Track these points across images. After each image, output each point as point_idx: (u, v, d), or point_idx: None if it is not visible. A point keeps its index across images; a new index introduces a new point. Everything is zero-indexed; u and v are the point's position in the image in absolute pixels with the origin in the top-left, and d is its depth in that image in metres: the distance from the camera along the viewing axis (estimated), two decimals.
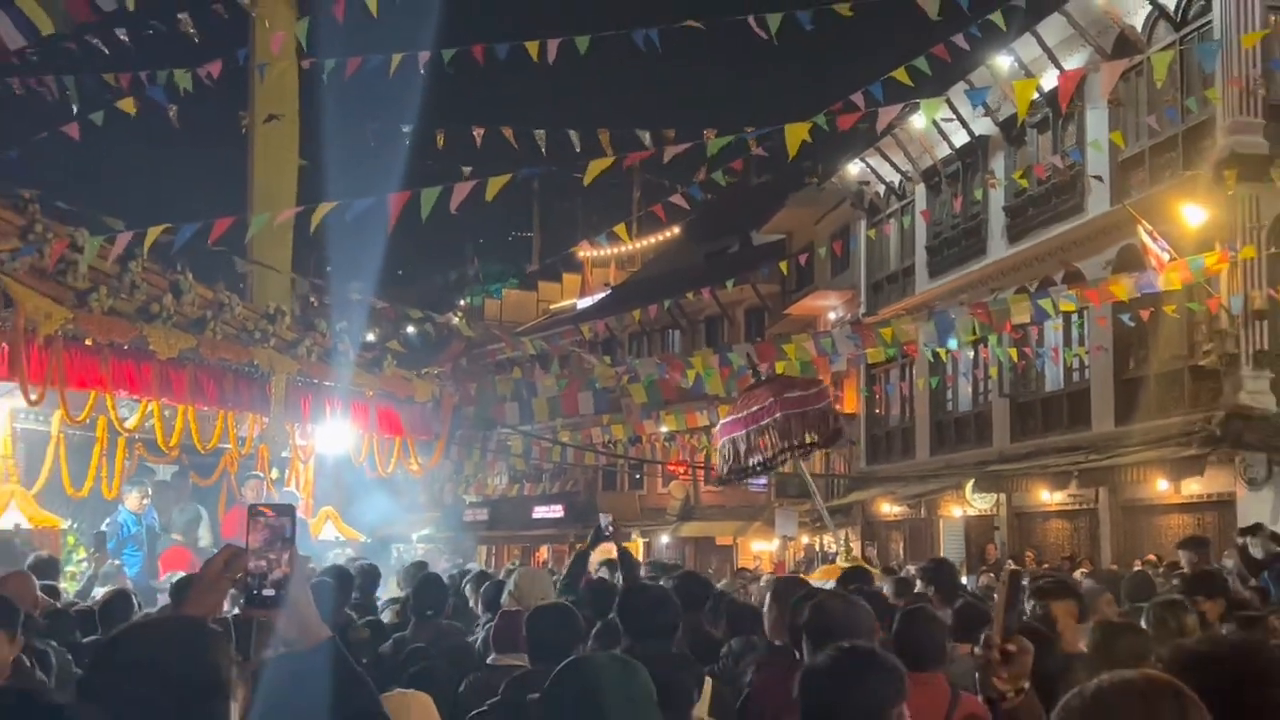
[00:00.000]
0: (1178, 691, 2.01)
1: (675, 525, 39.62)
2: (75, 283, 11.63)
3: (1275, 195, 17.89)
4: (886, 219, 28.83)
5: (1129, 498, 20.41)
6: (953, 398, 26.10)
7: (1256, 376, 17.74)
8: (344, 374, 14.94)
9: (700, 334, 39.50)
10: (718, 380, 18.33)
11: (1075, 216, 21.53)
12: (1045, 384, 22.83)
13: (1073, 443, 21.33)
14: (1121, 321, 18.53)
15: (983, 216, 24.55)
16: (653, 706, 3.29)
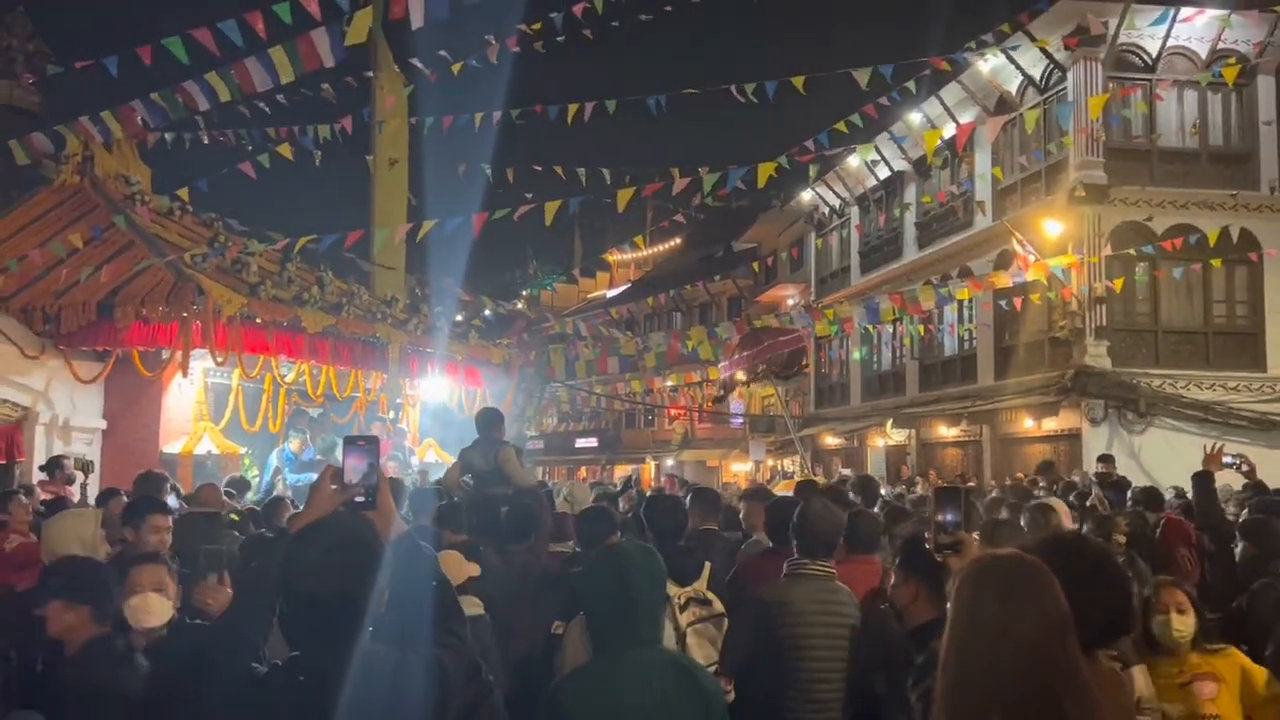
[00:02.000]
0: (1036, 563, 1.98)
1: (677, 452, 39.71)
2: (248, 278, 11.69)
3: (1113, 214, 17.78)
4: (830, 231, 28.71)
5: (1004, 432, 20.36)
6: (877, 360, 26.00)
7: (1097, 345, 17.66)
8: (441, 343, 14.99)
9: (695, 316, 39.42)
10: (708, 348, 18.45)
11: (966, 229, 21.39)
12: (944, 350, 22.72)
13: (964, 393, 21.27)
14: (1000, 306, 18.49)
15: (900, 229, 24.40)
16: (664, 580, 3.26)
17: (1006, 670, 1.83)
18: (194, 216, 14.08)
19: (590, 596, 3.14)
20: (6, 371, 10.75)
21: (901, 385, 24.50)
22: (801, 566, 4.37)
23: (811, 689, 4.22)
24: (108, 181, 13.48)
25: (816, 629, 4.23)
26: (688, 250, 44.30)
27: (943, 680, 1.93)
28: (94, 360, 11.44)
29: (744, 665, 4.19)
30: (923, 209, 22.83)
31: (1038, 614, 1.88)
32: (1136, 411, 17.38)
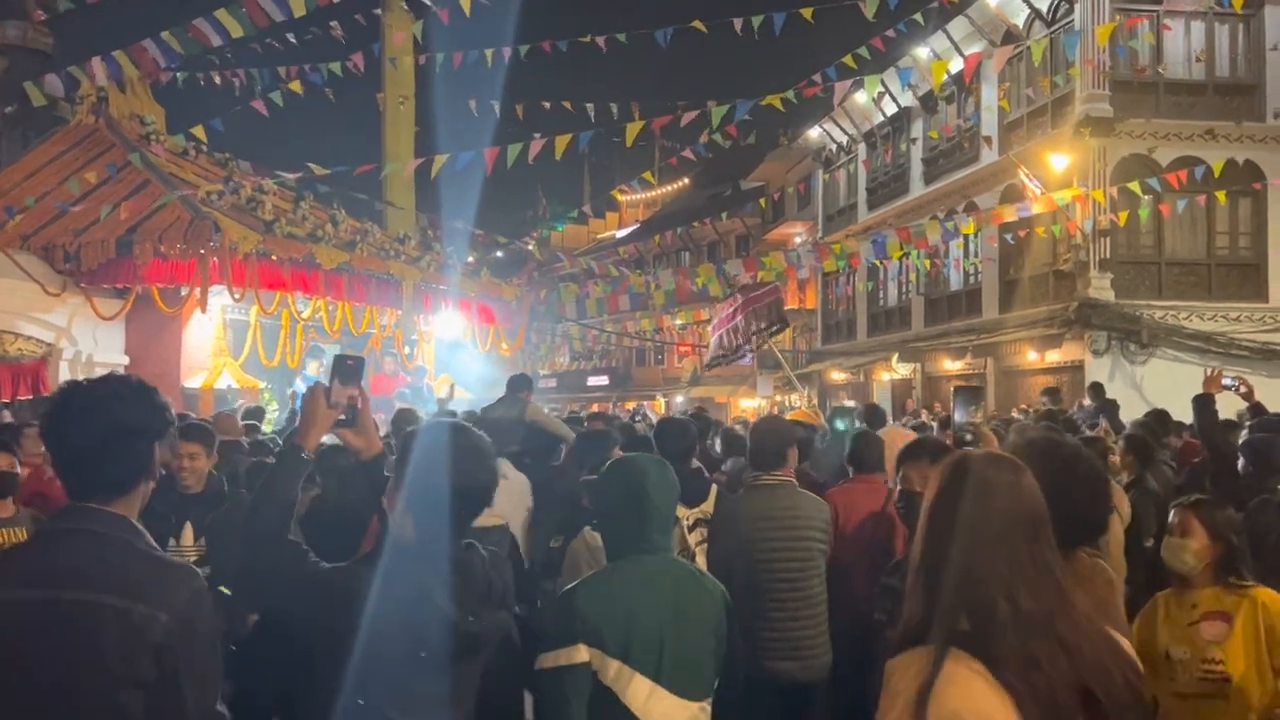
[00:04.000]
0: (1012, 462, 1.96)
1: (687, 389, 39.76)
2: (263, 215, 11.68)
3: (1118, 147, 17.58)
4: (837, 168, 28.46)
5: (1007, 365, 20.33)
6: (883, 296, 25.93)
7: (1101, 277, 17.57)
8: (453, 280, 14.97)
9: (704, 254, 39.23)
10: (716, 286, 18.34)
11: (972, 164, 21.18)
12: (949, 285, 22.63)
13: (968, 326, 21.22)
14: (1005, 240, 18.34)
15: (906, 165, 24.18)
16: (676, 491, 3.29)
17: (968, 565, 1.82)
18: (208, 156, 14.02)
19: (604, 504, 3.18)
20: (30, 309, 10.80)
21: (907, 320, 24.45)
22: (756, 479, 4.55)
23: (776, 591, 4.34)
24: (122, 121, 13.41)
25: (774, 535, 4.36)
26: (696, 190, 43.96)
27: (911, 575, 1.94)
28: (114, 297, 11.47)
29: (724, 574, 4.30)
30: (929, 144, 22.60)
31: (1007, 511, 1.87)
32: (1139, 343, 17.34)
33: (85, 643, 1.91)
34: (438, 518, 2.37)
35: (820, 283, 29.51)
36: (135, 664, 1.94)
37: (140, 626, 1.95)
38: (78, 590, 1.93)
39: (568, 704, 2.85)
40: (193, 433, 5.31)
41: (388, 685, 2.26)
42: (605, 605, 2.92)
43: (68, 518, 2.00)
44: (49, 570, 1.92)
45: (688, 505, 4.81)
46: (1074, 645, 1.79)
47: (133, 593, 1.97)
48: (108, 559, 1.99)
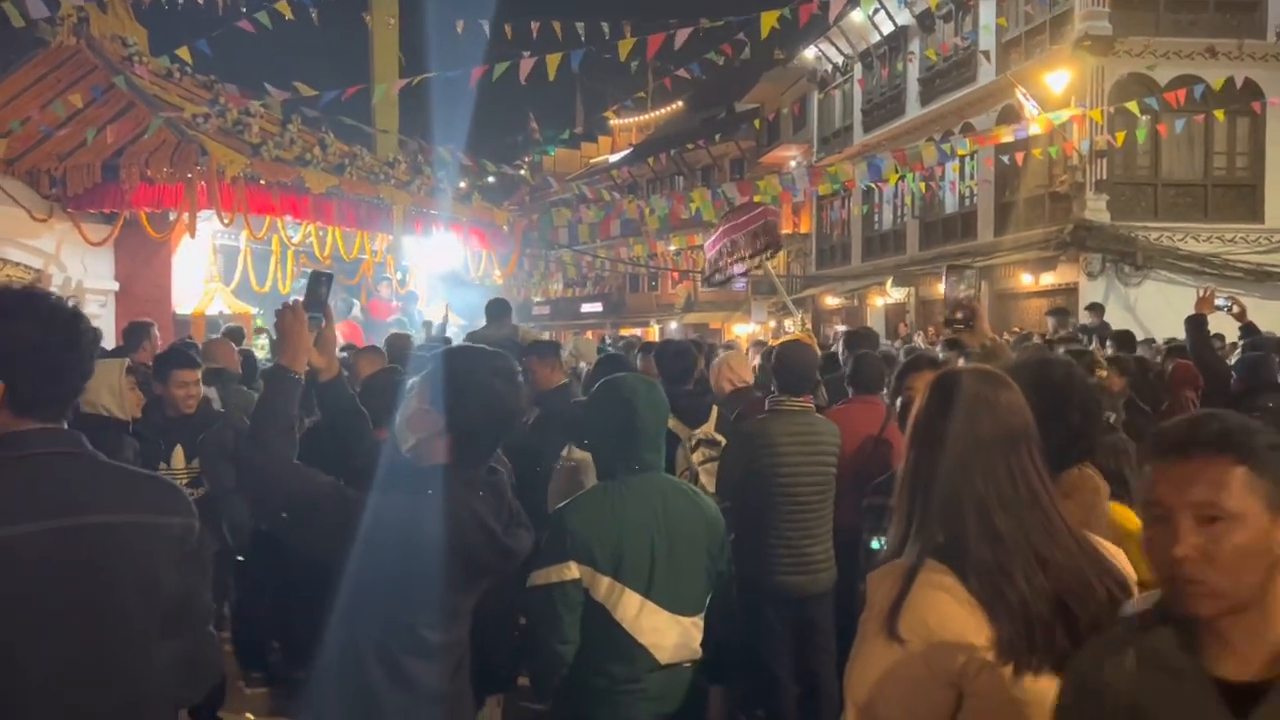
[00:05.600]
0: (1000, 378, 1.96)
1: (680, 315, 39.74)
2: (250, 138, 11.51)
3: (1117, 66, 17.37)
4: (833, 88, 28.09)
5: (1002, 288, 20.31)
6: (878, 219, 25.81)
7: (1097, 199, 17.49)
8: (444, 204, 14.83)
9: (698, 179, 38.84)
10: (710, 210, 18.17)
11: (970, 84, 20.93)
12: (945, 208, 22.51)
13: (963, 250, 21.15)
14: (1001, 161, 18.21)
15: (902, 86, 23.88)
16: (666, 411, 3.29)
17: (947, 479, 1.84)
18: (192, 78, 13.76)
19: (595, 424, 3.19)
20: (16, 234, 10.69)
21: (902, 244, 24.36)
22: (780, 403, 4.59)
23: (792, 510, 4.46)
24: (104, 42, 13.12)
25: (795, 458, 4.46)
26: (689, 113, 43.40)
27: (896, 489, 1.95)
28: (102, 223, 11.34)
29: (735, 491, 4.40)
30: (926, 63, 22.28)
31: (989, 425, 1.87)
32: (1134, 264, 17.33)
33: (130, 563, 1.94)
34: (475, 440, 2.38)
35: (815, 207, 29.34)
36: (172, 576, 2.00)
37: (178, 538, 2.02)
38: (105, 514, 1.93)
39: (560, 620, 2.89)
40: (189, 360, 5.32)
41: (422, 601, 2.28)
42: (595, 523, 2.95)
43: (36, 440, 1.93)
44: (60, 497, 1.89)
45: (690, 426, 4.88)
46: (1050, 559, 1.81)
47: (153, 507, 2.00)
48: (106, 478, 2.00)
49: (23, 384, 1.90)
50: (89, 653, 1.88)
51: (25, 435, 1.91)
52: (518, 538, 2.42)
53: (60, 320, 1.95)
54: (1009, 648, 1.73)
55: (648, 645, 2.95)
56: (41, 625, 1.82)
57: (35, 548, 1.82)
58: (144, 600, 1.96)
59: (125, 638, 1.93)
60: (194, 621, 2.10)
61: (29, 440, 1.91)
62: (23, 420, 1.91)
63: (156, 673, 1.99)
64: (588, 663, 2.96)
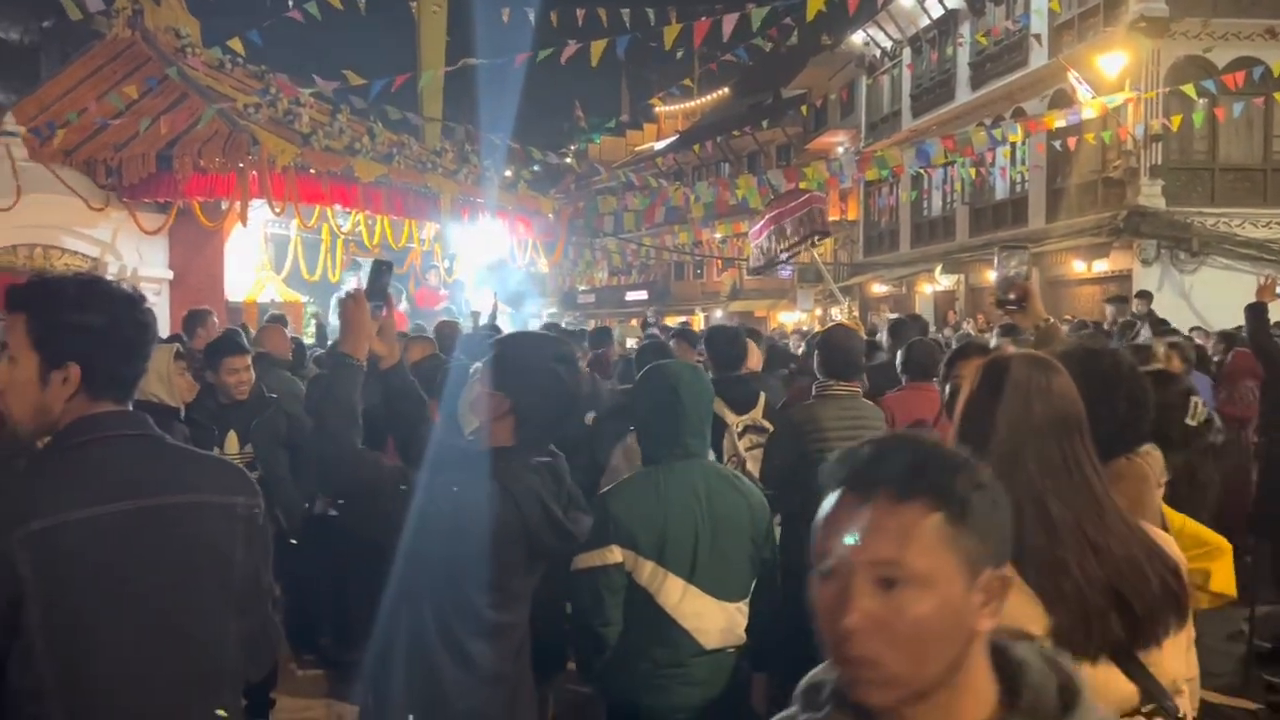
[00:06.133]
0: (1050, 363, 1.95)
1: (726, 303, 39.64)
2: (300, 128, 11.64)
3: (1173, 48, 17.02)
4: (881, 73, 27.82)
5: (1053, 275, 20.03)
6: (927, 206, 25.55)
7: (1152, 184, 17.17)
8: (491, 192, 14.89)
9: (744, 165, 38.62)
10: (756, 197, 18.07)
11: (1021, 69, 20.63)
12: (995, 194, 22.24)
13: (1014, 236, 20.87)
14: (1053, 147, 17.95)
15: (952, 70, 23.59)
16: (710, 398, 3.31)
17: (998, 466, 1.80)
18: (244, 68, 13.95)
19: (640, 410, 3.21)
20: (74, 224, 10.91)
21: (951, 230, 24.10)
22: (827, 388, 4.55)
23: None
24: (158, 34, 13.34)
25: (843, 443, 4.35)
26: (735, 99, 43.12)
27: None
28: (156, 212, 11.55)
29: (781, 478, 4.36)
30: (977, 47, 21.99)
31: (1040, 412, 1.86)
32: (1189, 251, 17.00)
33: (204, 542, 2.01)
34: (537, 423, 2.42)
35: (862, 193, 29.09)
36: (241, 554, 2.07)
37: (245, 518, 2.09)
38: (180, 494, 1.99)
39: (602, 602, 2.93)
40: (239, 347, 5.42)
41: (484, 581, 2.33)
42: (638, 508, 2.97)
43: (111, 423, 2.00)
44: (136, 478, 1.95)
45: (737, 412, 4.87)
46: (1103, 546, 1.79)
47: (222, 487, 2.07)
48: (177, 459, 2.07)
49: (97, 367, 1.96)
50: (167, 630, 1.94)
51: (101, 418, 1.97)
52: (577, 521, 2.46)
53: (128, 304, 2.02)
54: (1066, 638, 1.71)
55: (691, 630, 2.98)
56: (122, 603, 1.89)
57: (115, 528, 1.88)
58: (217, 578, 2.03)
59: (201, 615, 2.00)
60: (259, 600, 2.16)
61: (105, 423, 1.97)
62: (98, 403, 1.97)
63: (230, 649, 2.06)
64: (632, 647, 2.99)
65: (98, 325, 1.96)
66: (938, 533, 1.15)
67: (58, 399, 1.95)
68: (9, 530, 1.79)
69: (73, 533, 1.84)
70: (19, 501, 1.84)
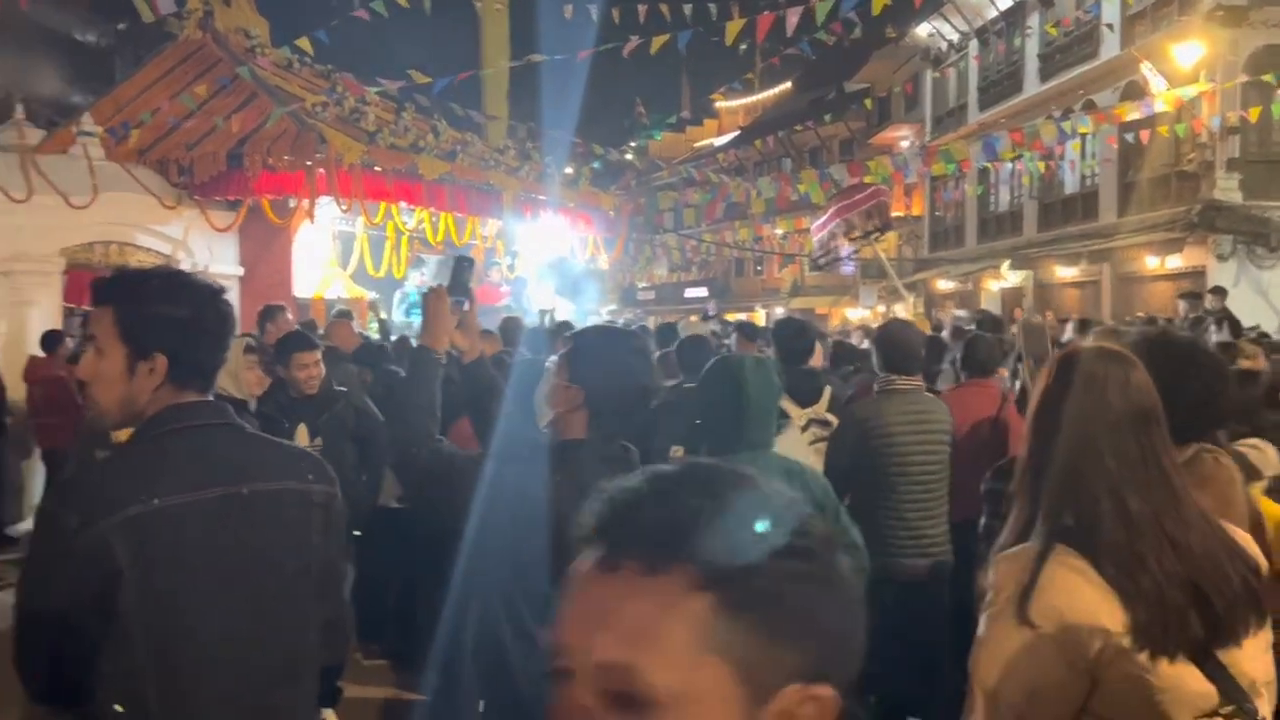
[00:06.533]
0: (1122, 355, 1.90)
1: (786, 300, 39.36)
2: (366, 126, 11.84)
3: (1250, 37, 16.55)
4: (947, 66, 27.43)
5: (1124, 271, 19.60)
6: (994, 200, 25.16)
7: (1228, 177, 16.72)
8: (552, 189, 14.99)
9: (805, 160, 38.32)
10: (819, 192, 17.91)
11: (1092, 60, 20.22)
12: (1064, 188, 21.82)
13: (1084, 231, 20.50)
14: (1125, 139, 17.55)
15: (1020, 62, 23.20)
16: (777, 391, 3.30)
17: (1075, 461, 1.80)
18: (310, 68, 14.21)
19: (704, 401, 3.21)
20: (148, 221, 11.21)
21: (1019, 225, 23.72)
22: (889, 383, 4.53)
23: (910, 490, 4.40)
24: (228, 35, 13.65)
25: (909, 437, 4.41)
26: (797, 94, 42.86)
27: (1018, 472, 1.92)
28: (227, 209, 11.82)
29: (844, 475, 4.33)
30: (1046, 38, 21.59)
31: (1116, 406, 1.83)
32: (1267, 246, 16.52)
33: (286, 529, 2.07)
34: (610, 415, 2.45)
35: (928, 188, 28.74)
36: (319, 542, 2.12)
37: (323, 504, 2.14)
38: (263, 481, 2.05)
39: None
40: (308, 342, 5.52)
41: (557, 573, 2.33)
42: None
43: (197, 412, 2.05)
44: (223, 466, 2.01)
45: (801, 405, 4.85)
46: (1183, 542, 1.76)
47: (302, 475, 2.13)
48: (259, 448, 2.14)
49: (182, 358, 2.02)
50: (252, 615, 2.00)
51: (186, 408, 2.03)
52: None
53: (210, 296, 2.08)
54: (1144, 633, 1.69)
55: None
56: (211, 588, 1.95)
57: (204, 514, 1.94)
58: (299, 564, 2.08)
59: (284, 600, 2.05)
60: (335, 586, 2.22)
61: (191, 412, 2.03)
62: (184, 393, 2.03)
63: (311, 634, 2.11)
64: None
65: (183, 317, 2.01)
66: (701, 624, 0.78)
67: (144, 389, 2.00)
68: (105, 516, 1.84)
69: (164, 519, 1.89)
70: (114, 489, 1.90)
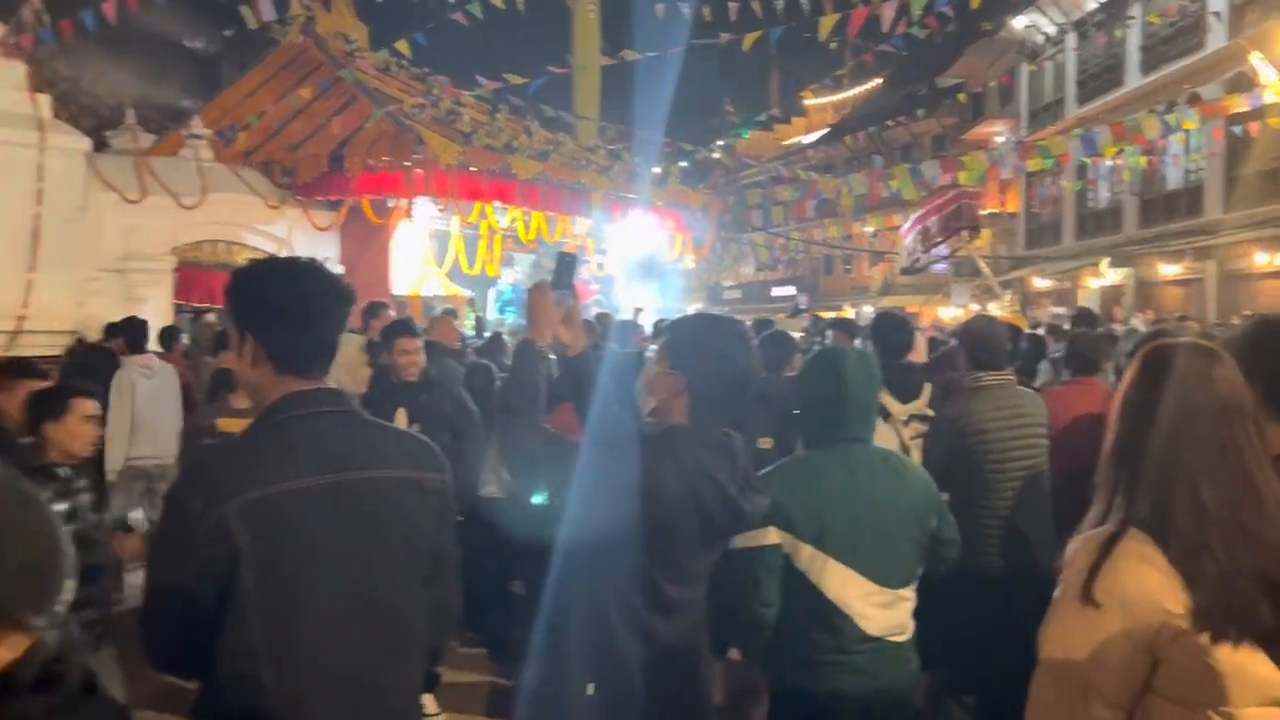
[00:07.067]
0: (1210, 350, 1.93)
1: (876, 298, 38.85)
2: (462, 127, 12.07)
3: None
4: (1044, 59, 26.82)
5: (1231, 269, 18.94)
6: (1093, 196, 24.53)
7: None
8: (642, 188, 15.06)
9: (896, 157, 37.67)
10: (911, 188, 17.65)
11: (1197, 51, 19.58)
12: (1167, 183, 21.17)
13: (1188, 228, 19.86)
14: (1232, 133, 16.96)
15: (1121, 54, 22.56)
16: (877, 384, 3.29)
17: (1154, 452, 1.84)
18: (407, 71, 14.53)
19: (805, 393, 3.22)
20: (254, 221, 11.60)
21: (1119, 222, 23.08)
22: (977, 380, 4.47)
23: (1008, 490, 4.33)
24: (329, 39, 14.04)
25: (1003, 434, 4.34)
26: (888, 90, 42.27)
27: (1102, 463, 1.97)
28: (328, 209, 12.17)
29: (938, 474, 4.27)
30: (1148, 29, 20.95)
31: (1204, 399, 1.86)
32: None
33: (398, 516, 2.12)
34: (711, 401, 2.49)
35: (1023, 184, 28.13)
36: (430, 528, 2.18)
37: (435, 491, 2.20)
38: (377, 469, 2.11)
39: (758, 583, 2.94)
40: (410, 328, 5.71)
41: (663, 557, 2.40)
42: (797, 491, 2.97)
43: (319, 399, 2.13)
44: (340, 453, 2.08)
45: (902, 401, 4.83)
46: (1257, 534, 1.78)
47: (416, 463, 2.19)
48: (376, 435, 2.20)
49: (269, 339, 2.10)
50: (362, 598, 2.06)
51: (305, 395, 2.12)
52: (751, 501, 2.51)
53: (288, 277, 2.14)
54: (1205, 617, 1.73)
55: (853, 615, 2.95)
56: (325, 571, 2.02)
57: (321, 499, 2.02)
58: (407, 549, 2.14)
59: (394, 584, 2.12)
60: (445, 571, 2.27)
61: (310, 399, 2.12)
62: (295, 379, 2.12)
63: (416, 618, 2.17)
64: (794, 631, 3.00)
65: (258, 297, 2.10)
66: None
67: (257, 374, 2.11)
68: (227, 499, 1.93)
69: (283, 503, 1.97)
70: (234, 474, 1.99)
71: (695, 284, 38.73)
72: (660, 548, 2.38)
